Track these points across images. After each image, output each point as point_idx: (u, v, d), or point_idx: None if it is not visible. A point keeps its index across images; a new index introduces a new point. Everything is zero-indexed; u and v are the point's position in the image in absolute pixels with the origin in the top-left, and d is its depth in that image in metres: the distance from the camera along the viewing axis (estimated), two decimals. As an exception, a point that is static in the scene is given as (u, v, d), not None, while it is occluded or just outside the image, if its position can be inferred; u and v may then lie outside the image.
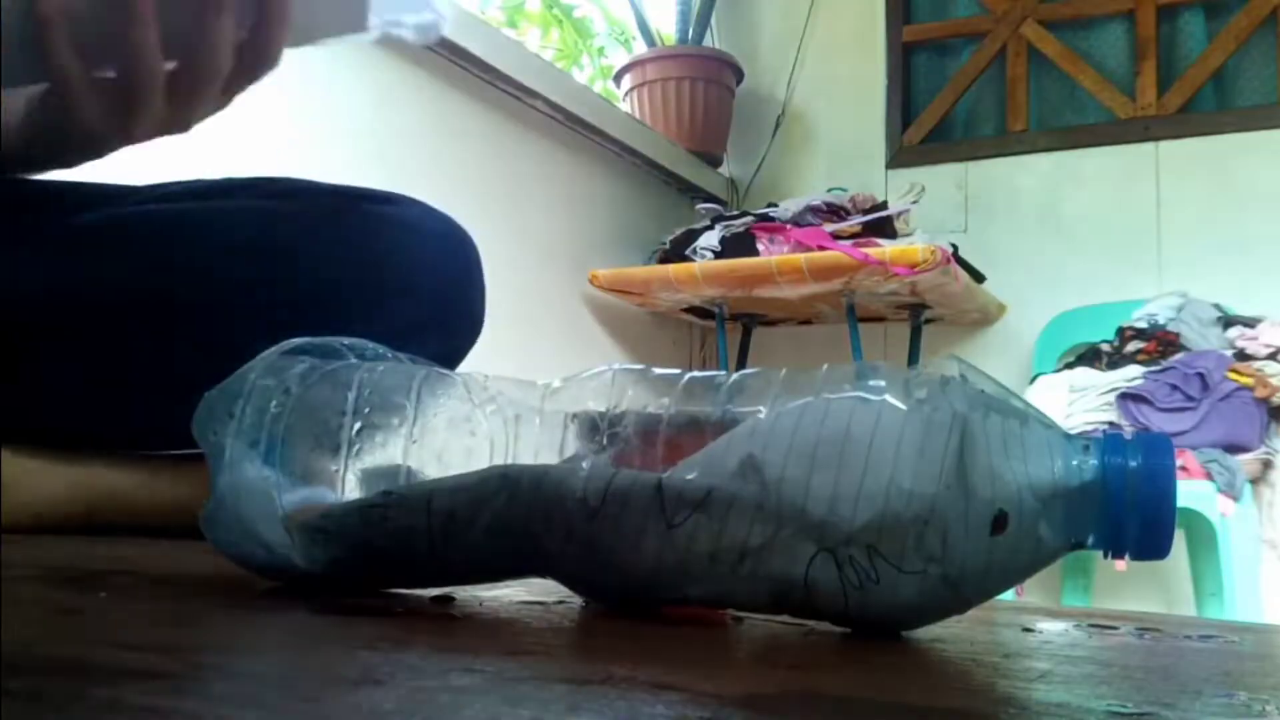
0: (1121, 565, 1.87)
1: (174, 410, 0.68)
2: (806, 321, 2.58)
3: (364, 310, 0.69)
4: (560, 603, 0.40)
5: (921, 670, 0.31)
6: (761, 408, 0.34)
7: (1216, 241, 2.31)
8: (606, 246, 2.33)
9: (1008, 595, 0.37)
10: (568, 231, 2.21)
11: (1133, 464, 0.33)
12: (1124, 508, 0.32)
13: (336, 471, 0.37)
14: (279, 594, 0.37)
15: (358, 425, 0.37)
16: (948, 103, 2.64)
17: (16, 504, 0.62)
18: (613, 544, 0.35)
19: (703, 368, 2.93)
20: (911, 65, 2.72)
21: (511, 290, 1.85)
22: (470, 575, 0.40)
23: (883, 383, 0.34)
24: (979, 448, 0.32)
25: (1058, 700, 0.26)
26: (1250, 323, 2.08)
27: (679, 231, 2.33)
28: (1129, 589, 2.26)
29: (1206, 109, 2.42)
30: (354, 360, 0.40)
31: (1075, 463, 0.33)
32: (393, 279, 0.66)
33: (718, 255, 2.19)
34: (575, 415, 0.37)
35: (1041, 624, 0.45)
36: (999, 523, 0.32)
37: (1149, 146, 2.41)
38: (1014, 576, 0.34)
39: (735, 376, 0.37)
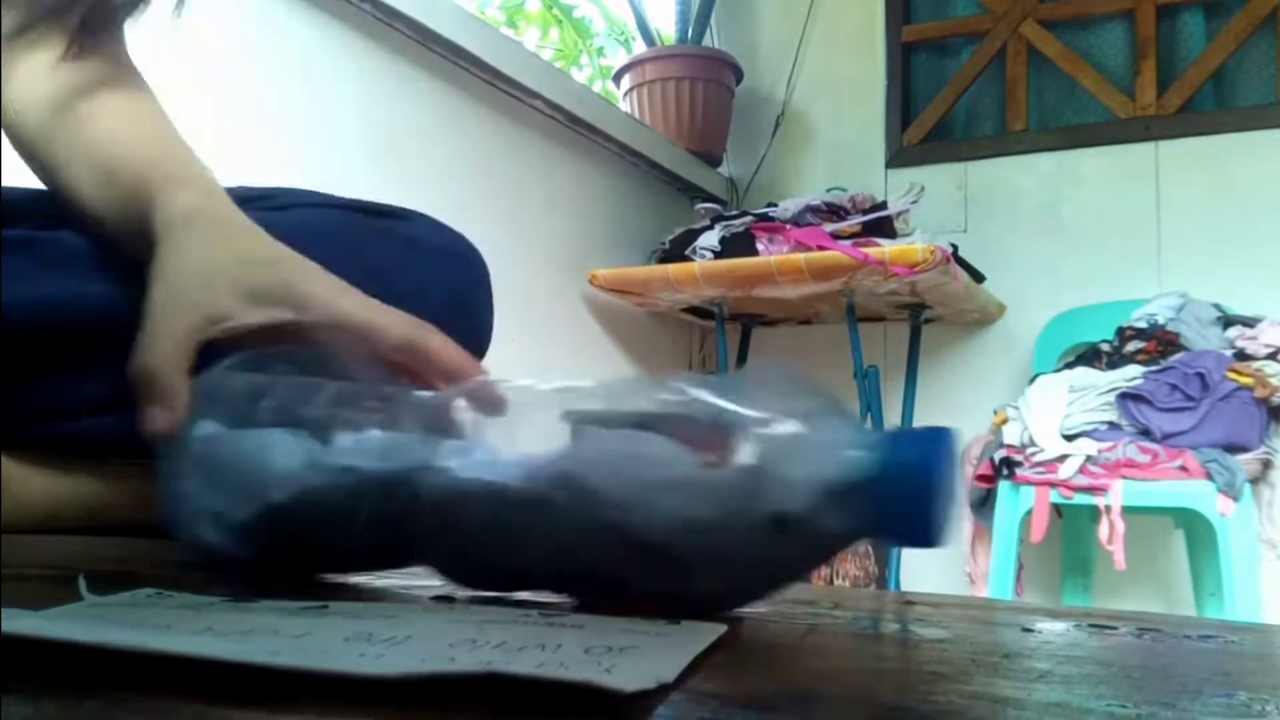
0: (1121, 565, 1.87)
1: None
2: (806, 321, 2.58)
3: None
4: (562, 603, 0.40)
5: (922, 670, 0.31)
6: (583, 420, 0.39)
7: (1216, 241, 2.31)
8: (606, 246, 2.33)
9: (1007, 596, 0.37)
10: (567, 231, 2.22)
11: (903, 458, 0.35)
12: (895, 501, 0.35)
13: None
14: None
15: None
16: (947, 103, 2.64)
17: (17, 509, 0.62)
18: (463, 542, 0.39)
19: (702, 368, 2.92)
20: (911, 65, 2.72)
21: (511, 290, 1.84)
22: (360, 565, 0.45)
23: (684, 395, 0.38)
24: (763, 450, 0.35)
25: (1058, 700, 0.26)
26: (1250, 322, 2.08)
27: (679, 231, 2.33)
28: (1129, 589, 2.26)
29: (1206, 109, 2.42)
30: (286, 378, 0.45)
31: (857, 458, 0.35)
32: (398, 297, 0.65)
33: (717, 255, 2.19)
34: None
35: (1041, 624, 0.45)
36: (781, 523, 0.35)
37: (1149, 146, 2.41)
38: (809, 565, 0.37)
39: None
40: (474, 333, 0.77)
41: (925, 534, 0.35)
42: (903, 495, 0.35)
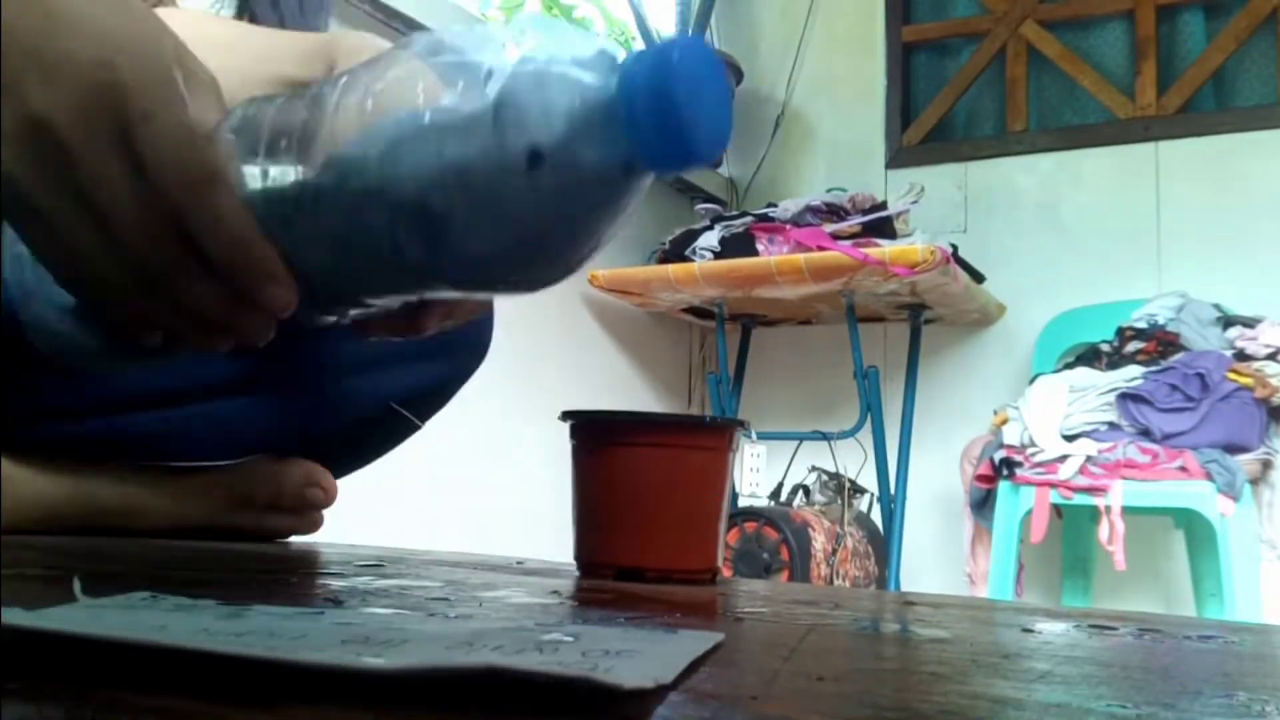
0: (1121, 565, 1.87)
1: (173, 421, 0.68)
2: (806, 322, 2.58)
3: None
4: (562, 604, 0.40)
5: (921, 670, 0.31)
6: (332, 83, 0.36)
7: (1216, 241, 2.31)
8: (606, 246, 2.33)
9: (1007, 596, 0.36)
10: (567, 232, 2.21)
11: (646, 65, 0.32)
12: (639, 113, 0.32)
13: None
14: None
15: None
16: (948, 103, 2.64)
17: (16, 509, 0.62)
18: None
19: (703, 368, 2.91)
20: (911, 65, 2.72)
21: (511, 290, 1.84)
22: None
23: (415, 46, 0.35)
24: (509, 88, 0.32)
25: (1058, 700, 0.26)
26: (1250, 323, 2.08)
27: (679, 231, 2.33)
28: (1129, 589, 2.26)
29: (1206, 109, 2.42)
30: None
31: (603, 81, 0.33)
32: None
33: (717, 255, 2.19)
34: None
35: (1041, 624, 0.45)
36: (536, 157, 0.32)
37: (1149, 146, 2.41)
38: (575, 208, 0.34)
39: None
40: (475, 343, 0.78)
41: (682, 152, 0.32)
42: (649, 110, 0.32)
